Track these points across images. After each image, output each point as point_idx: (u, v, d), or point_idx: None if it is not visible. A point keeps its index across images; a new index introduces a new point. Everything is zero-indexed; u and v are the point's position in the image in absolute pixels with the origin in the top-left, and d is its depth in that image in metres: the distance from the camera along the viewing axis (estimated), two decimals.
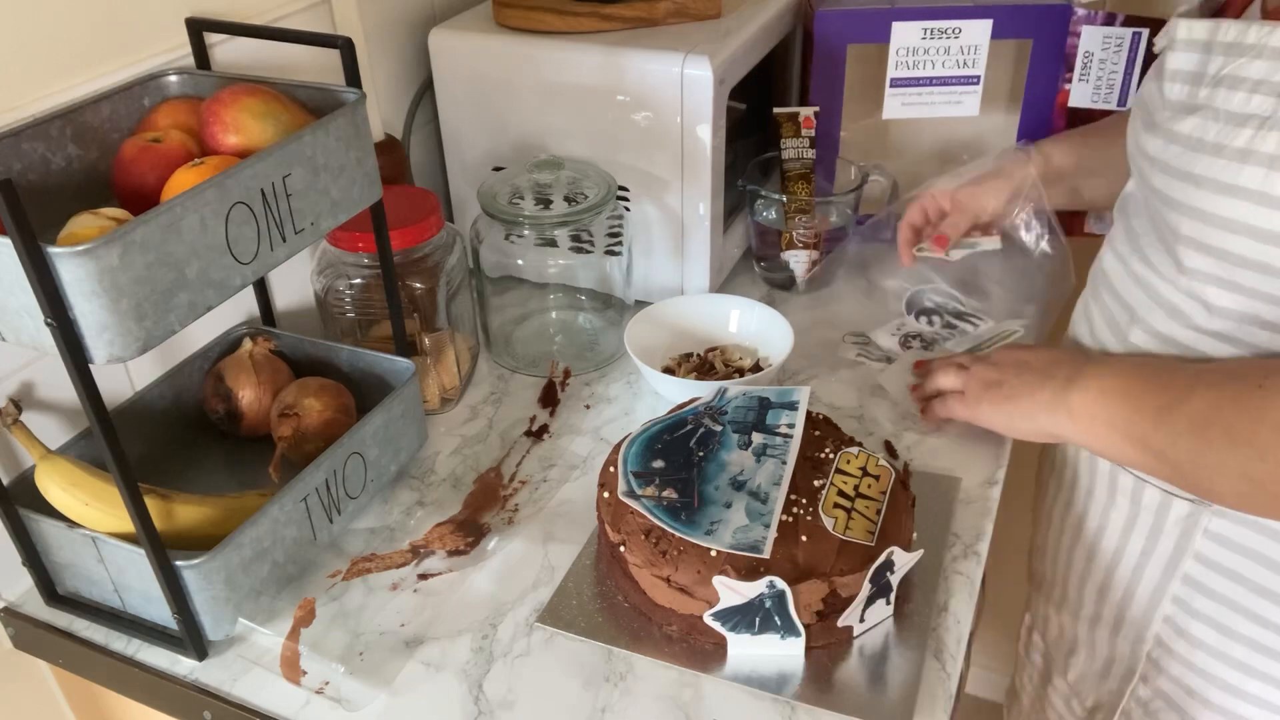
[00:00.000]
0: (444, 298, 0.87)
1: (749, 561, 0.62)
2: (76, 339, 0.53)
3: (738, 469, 0.68)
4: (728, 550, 0.62)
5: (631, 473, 0.68)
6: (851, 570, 0.63)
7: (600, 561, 0.72)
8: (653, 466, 0.69)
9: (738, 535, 0.63)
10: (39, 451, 0.67)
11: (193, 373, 0.82)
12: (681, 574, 0.64)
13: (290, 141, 0.62)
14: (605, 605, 0.69)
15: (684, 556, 0.64)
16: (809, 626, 0.64)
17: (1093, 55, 0.99)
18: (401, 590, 0.71)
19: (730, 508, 0.65)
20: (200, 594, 0.63)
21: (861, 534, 0.64)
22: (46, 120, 0.66)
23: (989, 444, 0.82)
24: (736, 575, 0.62)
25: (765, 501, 0.65)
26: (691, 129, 0.90)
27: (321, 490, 0.71)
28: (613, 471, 0.70)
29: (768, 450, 0.69)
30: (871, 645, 0.66)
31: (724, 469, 0.68)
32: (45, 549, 0.68)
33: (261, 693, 0.64)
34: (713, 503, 0.65)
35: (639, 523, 0.66)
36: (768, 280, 1.06)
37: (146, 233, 0.53)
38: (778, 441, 0.69)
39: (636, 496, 0.66)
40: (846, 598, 0.64)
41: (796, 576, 0.62)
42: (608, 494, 0.69)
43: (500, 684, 0.64)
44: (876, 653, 0.65)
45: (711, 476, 0.67)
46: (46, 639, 0.70)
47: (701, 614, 0.64)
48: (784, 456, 0.68)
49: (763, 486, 0.66)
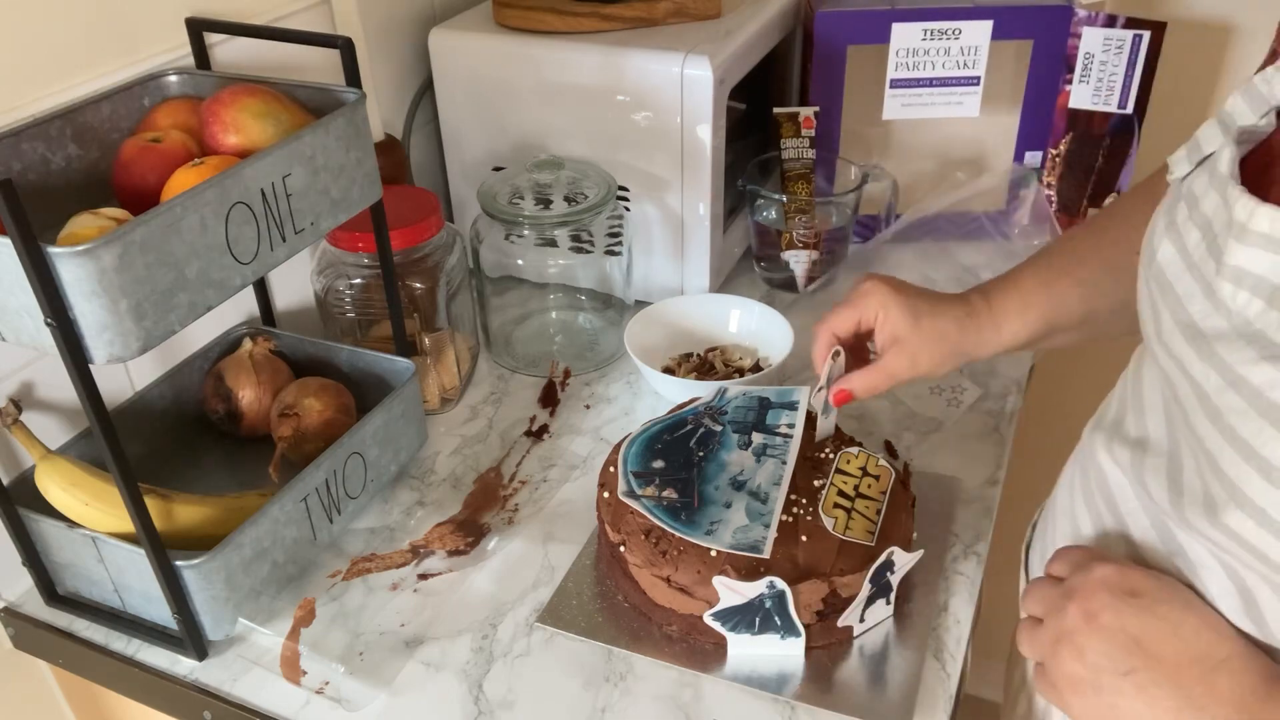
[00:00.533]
0: (444, 298, 0.87)
1: (749, 561, 0.62)
2: (76, 339, 0.53)
3: (738, 469, 0.68)
4: (728, 550, 0.62)
5: (631, 473, 0.68)
6: (852, 570, 0.63)
7: (600, 561, 0.72)
8: (653, 466, 0.68)
9: (738, 535, 0.63)
10: (39, 451, 0.67)
11: (193, 373, 0.82)
12: (681, 574, 0.64)
13: (290, 141, 0.61)
14: (605, 605, 0.69)
15: (684, 556, 0.64)
16: (809, 626, 0.63)
17: (1093, 57, 0.99)
18: (401, 590, 0.71)
19: (730, 508, 0.65)
20: (200, 594, 0.63)
21: (861, 534, 0.64)
22: (47, 120, 0.66)
23: (989, 444, 0.83)
24: (737, 575, 0.62)
25: (765, 501, 0.65)
26: (691, 129, 0.90)
27: (321, 490, 0.71)
28: (613, 471, 0.70)
29: (768, 450, 0.69)
30: (872, 645, 0.66)
31: (724, 469, 0.68)
32: (45, 549, 0.68)
33: (261, 692, 0.64)
34: (713, 503, 0.65)
35: (639, 523, 0.66)
36: (768, 280, 1.06)
37: (146, 233, 0.53)
38: (778, 441, 0.69)
39: (636, 496, 0.66)
40: (846, 598, 0.64)
41: (796, 576, 0.62)
42: (608, 494, 0.69)
43: (500, 684, 0.64)
44: (877, 653, 0.65)
45: (711, 476, 0.67)
46: (46, 639, 0.70)
47: (701, 614, 0.64)
48: (784, 456, 0.68)
49: (763, 486, 0.66)
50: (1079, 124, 1.04)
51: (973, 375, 0.90)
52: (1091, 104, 1.02)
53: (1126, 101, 1.01)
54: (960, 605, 0.68)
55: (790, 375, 0.92)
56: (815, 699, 0.62)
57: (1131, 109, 1.01)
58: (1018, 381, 0.90)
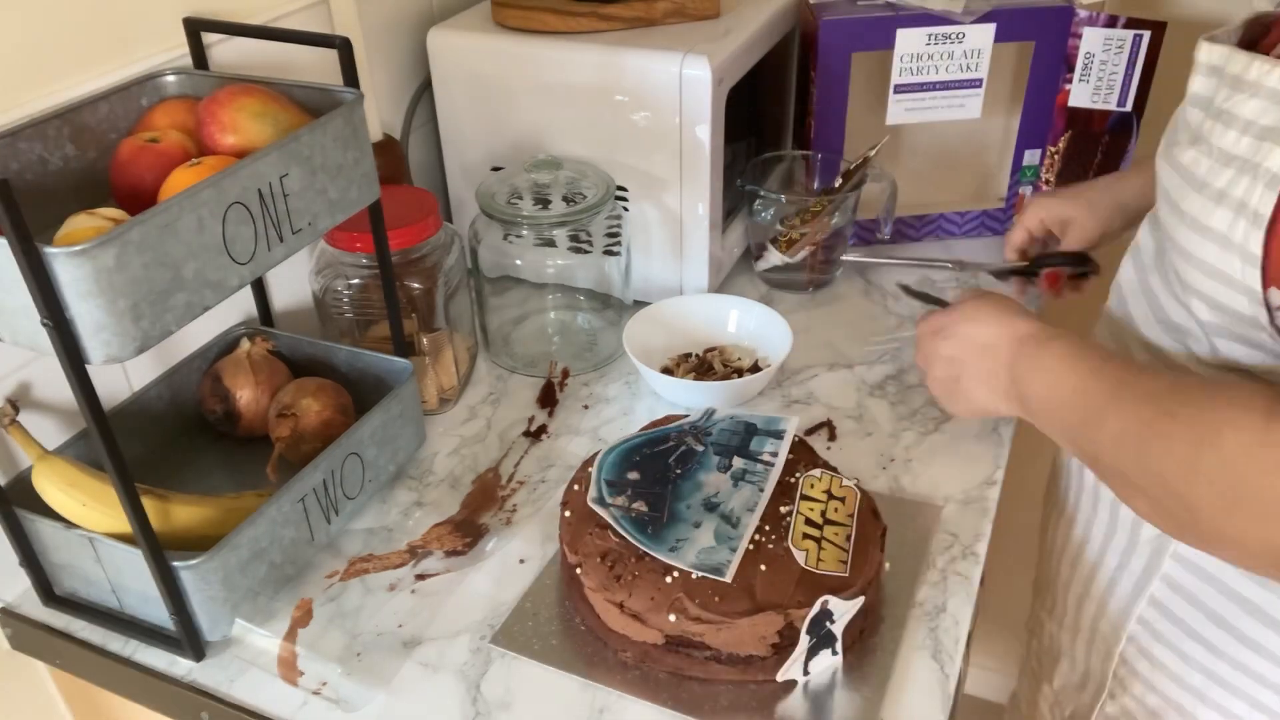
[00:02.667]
0: (442, 298, 0.86)
1: (705, 591, 0.61)
2: (73, 339, 0.53)
3: (713, 490, 0.67)
4: (690, 569, 0.61)
5: (605, 480, 0.68)
6: (809, 604, 0.61)
7: (561, 583, 0.71)
8: (627, 477, 0.68)
9: (701, 556, 0.62)
10: (36, 452, 0.67)
11: (190, 373, 0.82)
12: (635, 600, 0.62)
13: (287, 142, 0.61)
14: (563, 628, 0.67)
15: (638, 582, 0.62)
16: (764, 659, 0.62)
17: (1094, 56, 0.99)
18: (399, 591, 0.71)
19: (699, 528, 0.64)
20: (197, 594, 0.63)
21: (834, 565, 0.63)
22: (44, 120, 0.66)
23: (988, 444, 0.82)
24: (693, 605, 0.61)
25: (736, 526, 0.64)
26: (690, 129, 0.90)
27: (319, 491, 0.71)
28: (576, 490, 0.69)
29: (747, 475, 0.68)
30: (817, 686, 0.64)
31: (699, 489, 0.67)
32: (43, 549, 0.68)
33: (259, 693, 0.64)
34: (682, 520, 0.65)
35: (597, 545, 0.65)
36: (766, 280, 1.06)
37: (143, 233, 0.53)
38: (758, 469, 0.68)
39: (606, 505, 0.66)
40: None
41: (753, 608, 0.61)
42: (569, 513, 0.68)
43: (498, 684, 0.64)
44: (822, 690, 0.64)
45: (685, 495, 0.67)
46: (44, 639, 0.70)
47: (654, 642, 0.63)
48: (762, 484, 0.67)
49: (735, 511, 0.65)
50: (1078, 122, 1.04)
51: None
52: (1091, 102, 1.02)
53: (1126, 100, 1.01)
54: (959, 606, 0.68)
55: (789, 375, 0.92)
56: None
57: (1130, 107, 1.01)
58: None
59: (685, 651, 0.63)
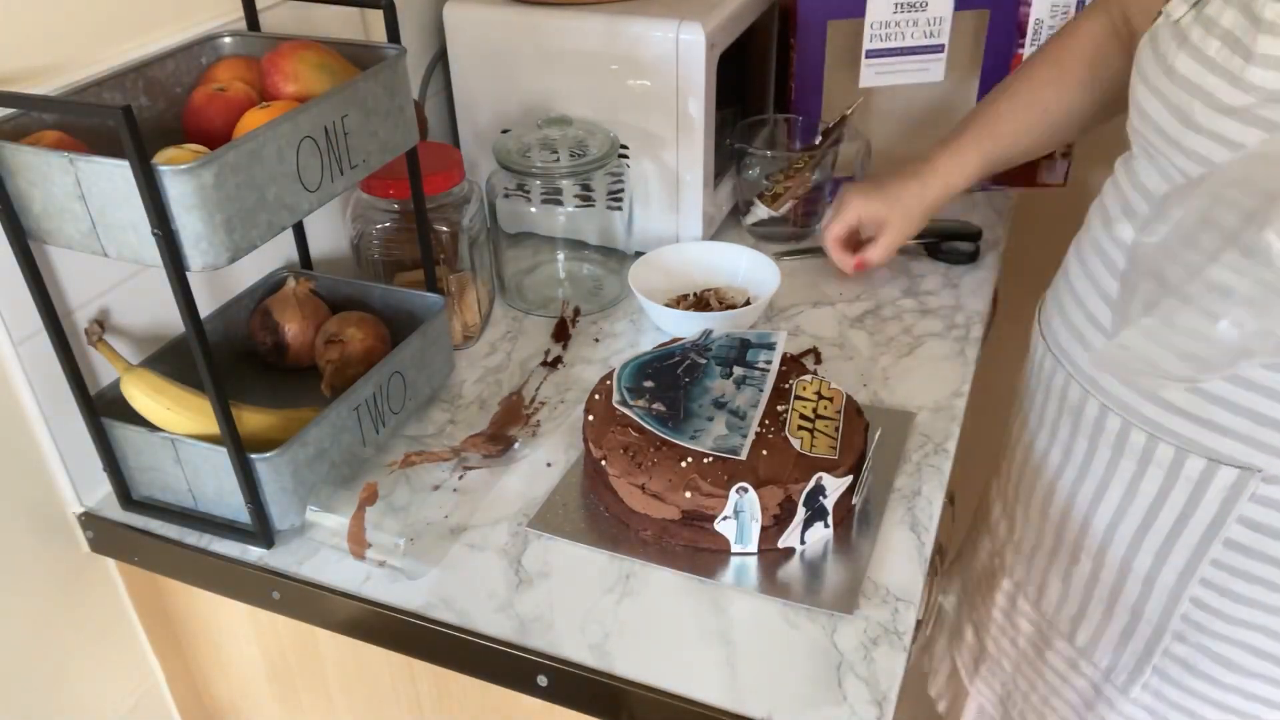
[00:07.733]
0: (466, 243, 0.96)
1: (716, 472, 0.71)
2: (177, 248, 0.61)
3: (719, 393, 0.77)
4: (710, 451, 0.71)
5: (625, 387, 0.78)
6: (805, 479, 0.72)
7: (584, 478, 0.81)
8: (644, 385, 0.78)
9: (718, 441, 0.73)
10: (122, 365, 0.75)
11: (239, 310, 0.90)
12: (655, 482, 0.72)
13: (347, 87, 0.70)
14: (588, 514, 0.77)
15: (657, 468, 0.72)
16: (766, 529, 0.72)
17: (1043, 23, 1.10)
18: (442, 490, 0.80)
19: (712, 421, 0.75)
20: (270, 485, 0.72)
21: (825, 450, 0.74)
22: (122, 73, 0.74)
23: (956, 364, 0.93)
24: (705, 483, 0.71)
25: (743, 419, 0.75)
26: (685, 90, 0.99)
27: (370, 402, 0.80)
28: (597, 399, 0.79)
29: (747, 380, 0.79)
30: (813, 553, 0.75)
31: (707, 393, 0.77)
32: (124, 455, 0.76)
33: (325, 571, 0.73)
34: (696, 416, 0.75)
35: (619, 440, 0.75)
36: (754, 233, 1.16)
37: (237, 157, 0.62)
38: (756, 374, 0.79)
39: (630, 405, 0.76)
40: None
41: (757, 484, 0.71)
42: (592, 417, 0.79)
43: (537, 559, 0.73)
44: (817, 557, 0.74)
45: (696, 397, 0.77)
46: (123, 538, 0.78)
47: (671, 518, 0.73)
48: (761, 385, 0.78)
49: (741, 407, 0.76)
50: None
51: (942, 312, 1.01)
52: None
53: None
54: (932, 490, 0.78)
55: (778, 312, 1.02)
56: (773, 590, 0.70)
57: None
58: (980, 313, 1.01)
59: (699, 525, 0.73)
